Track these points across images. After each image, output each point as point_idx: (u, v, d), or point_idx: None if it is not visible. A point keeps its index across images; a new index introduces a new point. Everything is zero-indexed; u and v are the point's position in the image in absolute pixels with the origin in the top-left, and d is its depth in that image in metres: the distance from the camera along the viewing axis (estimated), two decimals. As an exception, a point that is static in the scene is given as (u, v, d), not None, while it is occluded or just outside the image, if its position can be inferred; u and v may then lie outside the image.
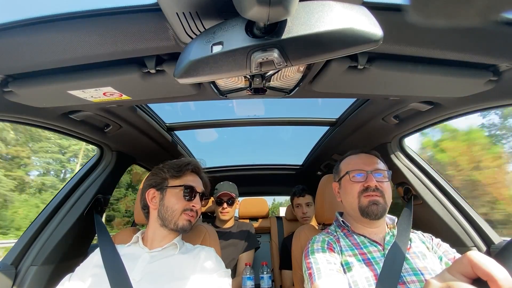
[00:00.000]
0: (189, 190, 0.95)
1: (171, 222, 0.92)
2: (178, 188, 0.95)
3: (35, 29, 0.59)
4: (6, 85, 0.75)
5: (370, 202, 0.86)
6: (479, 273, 0.30)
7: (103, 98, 0.84)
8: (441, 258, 0.86)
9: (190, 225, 0.94)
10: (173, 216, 0.92)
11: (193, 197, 0.95)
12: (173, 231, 0.94)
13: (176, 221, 0.92)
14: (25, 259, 1.08)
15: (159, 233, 0.94)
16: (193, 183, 0.98)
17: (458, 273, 0.32)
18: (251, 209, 2.43)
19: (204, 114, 1.55)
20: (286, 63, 0.43)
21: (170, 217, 0.92)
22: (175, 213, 0.92)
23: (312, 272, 0.80)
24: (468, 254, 0.31)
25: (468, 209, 1.22)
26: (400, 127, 1.22)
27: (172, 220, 0.92)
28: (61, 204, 1.22)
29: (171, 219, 0.92)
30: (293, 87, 0.88)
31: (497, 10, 0.37)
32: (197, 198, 0.96)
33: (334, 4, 0.40)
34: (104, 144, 1.32)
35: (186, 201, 0.94)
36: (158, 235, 0.94)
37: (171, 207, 0.93)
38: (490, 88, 0.80)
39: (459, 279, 0.31)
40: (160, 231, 0.94)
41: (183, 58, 0.46)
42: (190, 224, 0.94)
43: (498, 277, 0.28)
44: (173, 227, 0.92)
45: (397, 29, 0.59)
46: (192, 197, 0.95)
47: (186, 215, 0.93)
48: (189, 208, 0.93)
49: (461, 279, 0.31)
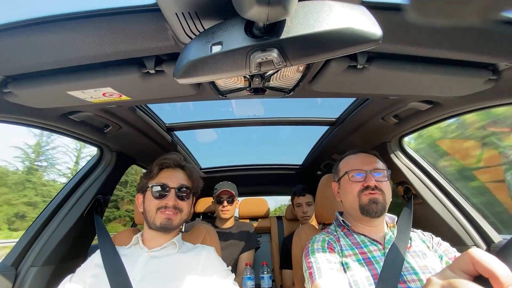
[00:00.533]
0: (160, 188, 0.94)
1: (151, 223, 0.92)
2: (150, 188, 0.95)
3: (34, 30, 0.59)
4: (5, 86, 0.75)
5: (370, 201, 0.87)
6: (480, 270, 0.30)
7: (103, 99, 0.84)
8: (441, 257, 0.86)
9: (170, 222, 0.91)
10: (150, 216, 0.92)
11: (165, 194, 0.93)
12: (158, 231, 0.93)
13: (153, 221, 0.91)
14: (25, 260, 1.08)
15: (151, 234, 0.95)
16: (167, 179, 0.95)
17: (459, 270, 0.32)
18: (251, 209, 2.43)
19: (204, 114, 1.55)
20: (285, 63, 0.43)
21: (149, 218, 0.93)
22: (151, 213, 0.92)
23: (313, 271, 0.80)
24: (470, 251, 0.31)
25: (468, 208, 1.22)
26: (400, 127, 1.22)
27: (150, 221, 0.92)
28: (61, 204, 1.22)
29: (151, 220, 0.92)
30: (293, 87, 0.88)
31: (496, 10, 0.37)
32: (171, 194, 0.93)
33: (333, 4, 0.40)
34: (103, 144, 1.32)
35: (157, 199, 0.92)
36: (151, 236, 0.95)
37: (147, 208, 0.94)
38: (490, 87, 0.80)
39: (461, 276, 0.31)
40: (151, 232, 0.95)
41: (182, 58, 0.46)
42: (170, 222, 0.91)
43: (499, 274, 0.28)
44: (154, 227, 0.92)
45: (396, 28, 0.59)
46: (163, 195, 0.93)
47: (162, 213, 0.91)
48: (162, 206, 0.92)
49: (462, 276, 0.31)
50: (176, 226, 0.94)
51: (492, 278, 0.28)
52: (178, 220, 0.94)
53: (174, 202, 0.92)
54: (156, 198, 0.93)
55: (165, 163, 1.00)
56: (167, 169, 1.00)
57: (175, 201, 0.93)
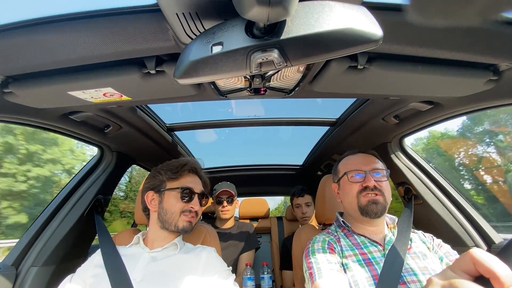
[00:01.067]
0: (187, 191, 0.94)
1: (171, 224, 0.92)
2: (176, 190, 0.94)
3: (35, 30, 0.59)
4: (6, 86, 0.75)
5: (369, 202, 0.86)
6: (481, 270, 0.30)
7: (103, 99, 0.84)
8: (441, 258, 0.85)
9: (190, 226, 0.94)
10: (173, 219, 0.92)
11: (192, 198, 0.95)
12: (174, 233, 0.94)
13: (176, 223, 0.92)
14: (25, 260, 1.08)
15: (159, 234, 0.95)
16: (191, 184, 0.97)
17: (460, 270, 0.32)
18: (251, 210, 2.43)
19: (204, 115, 1.55)
20: (286, 63, 0.43)
21: (169, 219, 0.92)
22: (174, 215, 0.92)
23: (313, 272, 0.80)
24: (471, 251, 0.31)
25: (469, 208, 1.22)
26: (400, 127, 1.22)
27: (172, 222, 0.92)
28: (61, 204, 1.22)
29: (171, 221, 0.92)
30: (293, 87, 0.88)
31: (497, 10, 0.37)
32: (195, 199, 0.95)
33: (333, 4, 0.40)
34: (104, 144, 1.32)
35: (184, 202, 0.93)
36: (158, 236, 0.95)
37: (170, 209, 0.93)
38: (490, 87, 0.80)
39: (461, 276, 0.31)
40: (160, 233, 0.95)
41: (183, 58, 0.46)
42: (190, 225, 0.94)
43: (500, 274, 0.28)
44: (174, 229, 0.92)
45: (397, 29, 0.59)
46: (191, 199, 0.95)
47: (186, 217, 0.92)
48: (187, 209, 0.93)
49: (463, 276, 0.31)
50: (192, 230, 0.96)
51: (493, 278, 0.28)
52: (194, 224, 0.96)
53: (198, 207, 0.95)
54: (183, 201, 0.93)
55: (193, 168, 1.01)
56: (189, 173, 1.01)
57: (198, 206, 0.96)
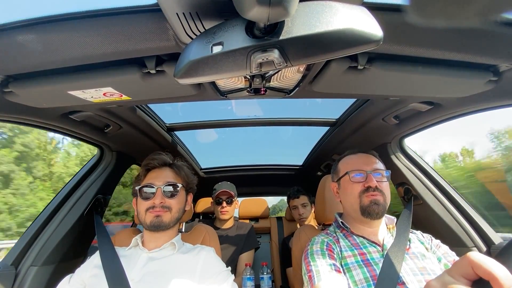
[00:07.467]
0: (146, 188, 0.94)
1: (144, 224, 0.93)
2: (139, 191, 0.95)
3: (35, 30, 0.59)
4: (6, 86, 0.75)
5: (371, 202, 0.86)
6: (480, 273, 0.30)
7: (103, 99, 0.84)
8: (440, 259, 0.85)
9: (160, 220, 0.90)
10: (142, 218, 0.93)
11: (152, 194, 0.92)
12: (152, 231, 0.93)
13: (144, 221, 0.92)
14: (25, 260, 1.08)
15: (149, 235, 0.96)
16: (153, 179, 0.95)
17: (458, 275, 0.32)
18: (251, 210, 2.43)
19: (204, 115, 1.55)
20: (286, 63, 0.43)
21: (141, 219, 0.93)
22: (141, 215, 0.93)
23: (312, 274, 0.80)
24: (468, 255, 0.31)
25: (468, 209, 1.22)
26: (400, 127, 1.22)
27: (143, 222, 0.93)
28: (61, 204, 1.22)
29: (142, 221, 0.93)
30: (293, 87, 0.88)
31: (497, 10, 0.37)
32: (156, 193, 0.92)
33: (334, 5, 0.40)
34: (104, 144, 1.32)
35: (146, 200, 0.92)
36: (150, 236, 0.95)
37: (139, 210, 0.94)
38: (490, 88, 0.80)
39: (459, 281, 0.31)
40: (148, 233, 0.96)
41: (183, 58, 0.46)
42: (159, 219, 0.90)
43: (499, 276, 0.28)
44: (146, 227, 0.93)
45: (397, 29, 0.59)
46: (152, 194, 0.92)
47: (151, 213, 0.91)
48: (150, 206, 0.91)
49: (461, 281, 0.31)
50: (167, 224, 0.92)
51: (492, 280, 0.28)
52: (169, 218, 0.92)
53: (161, 200, 0.91)
54: (144, 200, 0.93)
55: (150, 164, 0.99)
56: (154, 169, 1.00)
57: (162, 200, 0.91)
